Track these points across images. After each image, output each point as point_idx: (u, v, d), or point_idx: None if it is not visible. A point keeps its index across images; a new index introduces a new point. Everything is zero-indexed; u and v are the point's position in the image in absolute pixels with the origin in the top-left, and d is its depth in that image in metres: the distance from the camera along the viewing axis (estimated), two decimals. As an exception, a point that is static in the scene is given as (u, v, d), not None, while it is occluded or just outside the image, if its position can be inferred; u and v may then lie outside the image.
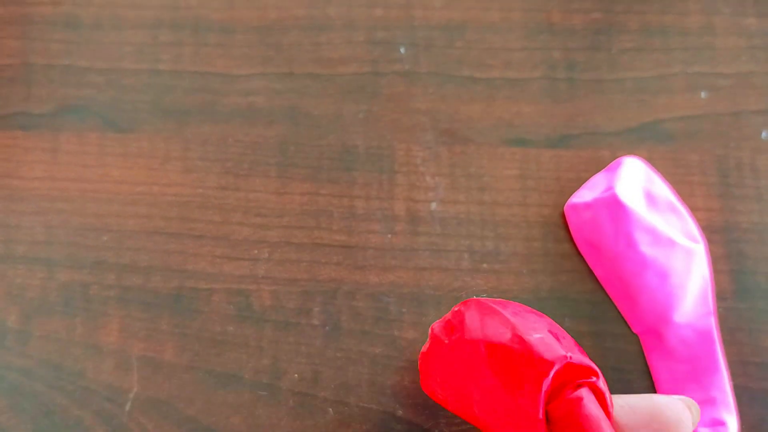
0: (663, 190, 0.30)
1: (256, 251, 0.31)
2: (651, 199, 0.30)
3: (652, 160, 0.31)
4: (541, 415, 0.20)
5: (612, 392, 0.29)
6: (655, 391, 0.29)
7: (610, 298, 0.30)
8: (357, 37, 0.34)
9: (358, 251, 0.31)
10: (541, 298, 0.30)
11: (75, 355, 0.29)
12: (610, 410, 0.21)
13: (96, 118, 0.33)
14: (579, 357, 0.20)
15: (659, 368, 0.28)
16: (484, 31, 0.34)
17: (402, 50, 0.34)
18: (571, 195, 0.31)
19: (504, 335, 0.21)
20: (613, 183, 0.29)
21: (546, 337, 0.21)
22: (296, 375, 0.29)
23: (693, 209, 0.31)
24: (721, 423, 0.27)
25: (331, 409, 0.29)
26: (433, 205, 0.31)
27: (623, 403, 0.21)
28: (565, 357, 0.20)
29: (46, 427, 0.28)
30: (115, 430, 0.28)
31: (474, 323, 0.22)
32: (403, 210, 0.31)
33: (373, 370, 0.29)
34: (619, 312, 0.29)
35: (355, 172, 0.32)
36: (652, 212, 0.29)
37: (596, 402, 0.20)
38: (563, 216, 0.31)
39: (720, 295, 0.30)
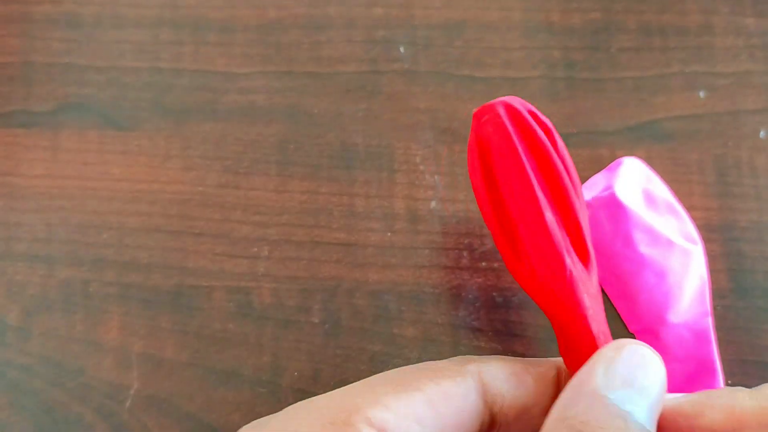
0: (662, 191, 0.30)
1: (255, 249, 0.31)
2: (650, 199, 0.30)
3: (650, 159, 0.31)
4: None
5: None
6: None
7: (607, 297, 0.30)
8: (356, 36, 0.34)
9: (358, 249, 0.31)
10: (540, 296, 0.30)
11: (75, 352, 0.29)
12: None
13: (96, 116, 0.33)
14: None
15: (657, 366, 0.28)
16: (483, 31, 0.34)
17: (401, 49, 0.34)
18: (569, 194, 0.31)
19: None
20: (612, 183, 0.29)
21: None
22: (296, 372, 0.29)
23: (691, 208, 0.31)
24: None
25: (330, 407, 0.29)
26: (433, 204, 0.31)
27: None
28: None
29: (46, 424, 0.28)
30: (116, 427, 0.28)
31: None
32: (403, 208, 0.31)
33: (372, 367, 0.29)
34: (615, 310, 0.30)
35: (354, 171, 0.32)
36: (650, 213, 0.29)
37: None
38: (562, 214, 0.31)
39: (718, 294, 0.30)
